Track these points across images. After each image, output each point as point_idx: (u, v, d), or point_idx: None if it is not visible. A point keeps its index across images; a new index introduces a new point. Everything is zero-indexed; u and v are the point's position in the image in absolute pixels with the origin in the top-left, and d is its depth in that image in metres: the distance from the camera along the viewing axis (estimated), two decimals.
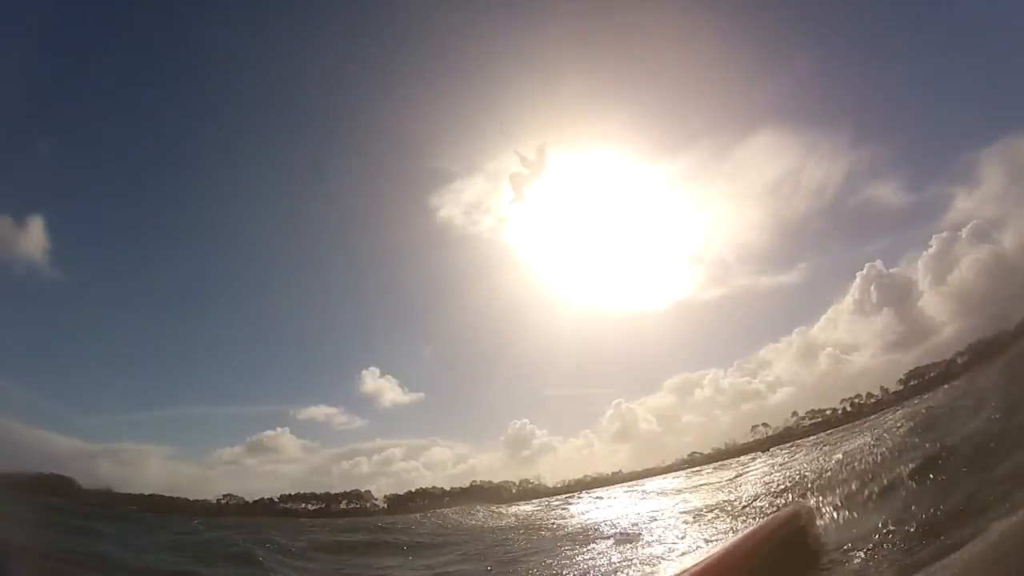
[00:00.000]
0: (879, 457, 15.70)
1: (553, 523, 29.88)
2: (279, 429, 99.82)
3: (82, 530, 22.41)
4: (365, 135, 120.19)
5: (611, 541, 17.33)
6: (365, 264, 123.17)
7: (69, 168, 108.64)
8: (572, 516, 32.24)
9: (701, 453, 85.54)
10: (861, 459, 16.34)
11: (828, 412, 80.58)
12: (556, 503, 52.63)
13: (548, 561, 15.46)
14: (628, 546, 15.73)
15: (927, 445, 14.81)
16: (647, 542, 16.03)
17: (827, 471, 18.22)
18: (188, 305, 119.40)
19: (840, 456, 20.44)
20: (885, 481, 10.41)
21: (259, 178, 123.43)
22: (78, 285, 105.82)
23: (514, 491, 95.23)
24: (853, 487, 11.09)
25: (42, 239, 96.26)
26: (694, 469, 62.72)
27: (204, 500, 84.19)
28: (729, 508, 21.10)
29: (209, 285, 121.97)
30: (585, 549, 16.77)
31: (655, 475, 73.18)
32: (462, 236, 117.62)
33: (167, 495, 79.84)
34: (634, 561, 13.69)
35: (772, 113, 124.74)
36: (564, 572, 13.62)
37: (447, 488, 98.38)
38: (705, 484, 34.63)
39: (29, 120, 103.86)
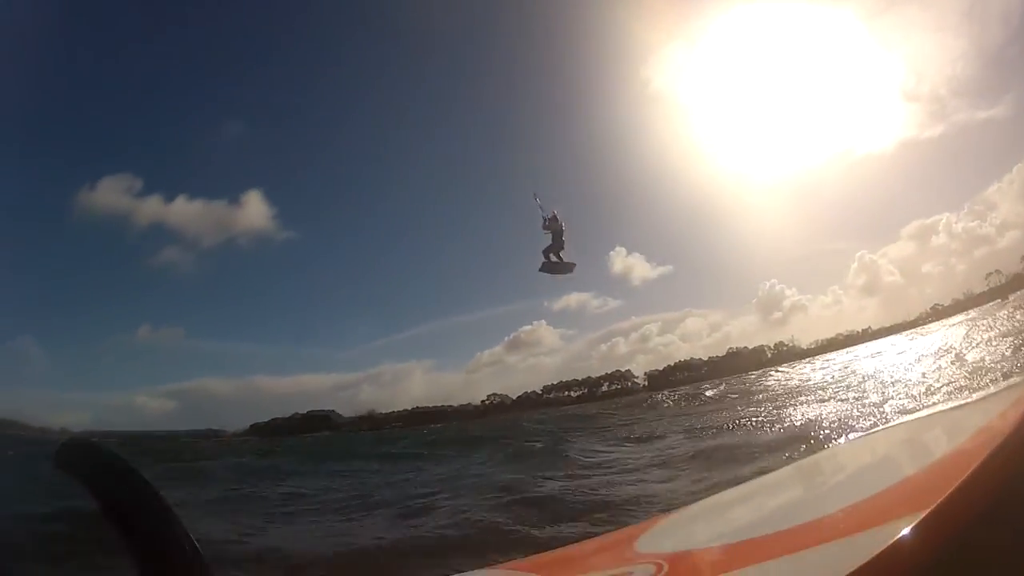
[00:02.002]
0: None
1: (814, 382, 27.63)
2: (536, 323, 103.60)
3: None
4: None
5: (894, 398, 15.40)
6: (595, 148, 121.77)
7: (267, 142, 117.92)
8: (832, 375, 29.52)
9: (942, 305, 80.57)
10: None
11: None
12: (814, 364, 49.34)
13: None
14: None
15: None
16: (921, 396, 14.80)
17: None
18: (428, 224, 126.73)
19: None
20: None
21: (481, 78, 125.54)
22: (314, 237, 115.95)
23: (770, 355, 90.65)
24: None
25: (263, 209, 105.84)
26: (939, 322, 55.48)
27: (467, 404, 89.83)
28: (991, 358, 18.43)
29: (444, 196, 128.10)
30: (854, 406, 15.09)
31: (903, 330, 66.09)
32: (675, 102, 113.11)
33: (430, 406, 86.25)
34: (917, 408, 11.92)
35: None
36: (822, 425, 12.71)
37: (705, 358, 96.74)
38: (957, 335, 30.21)
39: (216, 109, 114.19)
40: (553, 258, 13.49)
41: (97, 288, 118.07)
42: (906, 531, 1.14)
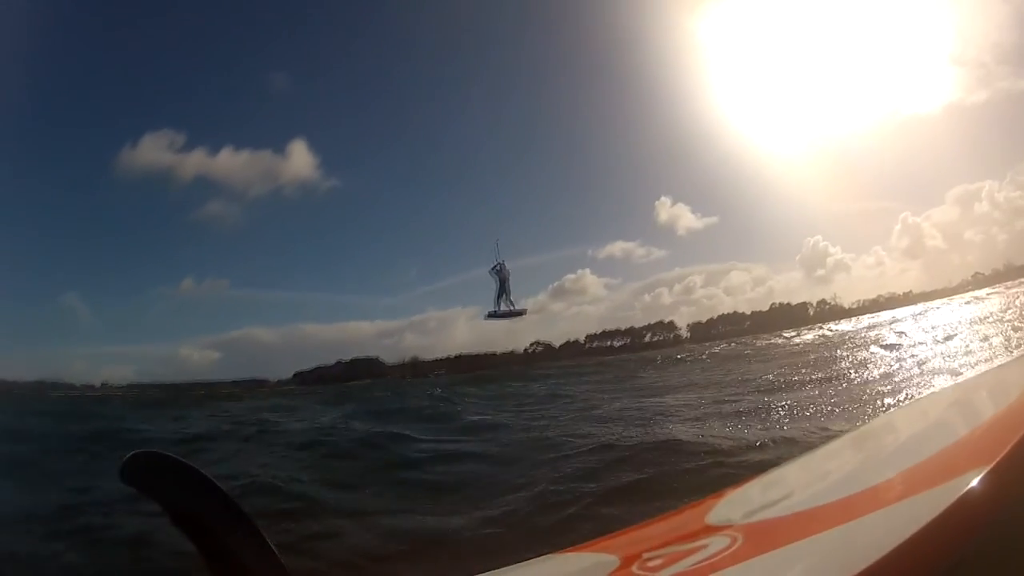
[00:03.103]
0: None
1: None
2: (580, 271, 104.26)
3: None
4: None
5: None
6: (643, 97, 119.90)
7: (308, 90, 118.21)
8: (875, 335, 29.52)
9: (983, 274, 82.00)
10: None
11: None
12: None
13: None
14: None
15: None
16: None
17: None
18: (472, 171, 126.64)
19: None
20: None
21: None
22: (358, 185, 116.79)
23: (812, 313, 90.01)
24: None
25: (308, 158, 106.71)
26: (981, 291, 54.49)
27: (512, 351, 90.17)
28: None
29: (489, 143, 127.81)
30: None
31: (944, 296, 65.14)
32: (727, 54, 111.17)
33: (473, 353, 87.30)
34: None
35: None
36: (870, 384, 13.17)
37: (748, 312, 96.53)
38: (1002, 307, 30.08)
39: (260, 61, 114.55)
40: (503, 306, 14.26)
41: (142, 243, 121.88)
42: (973, 484, 1.16)
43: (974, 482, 1.18)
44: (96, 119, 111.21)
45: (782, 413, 10.84)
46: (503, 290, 14.14)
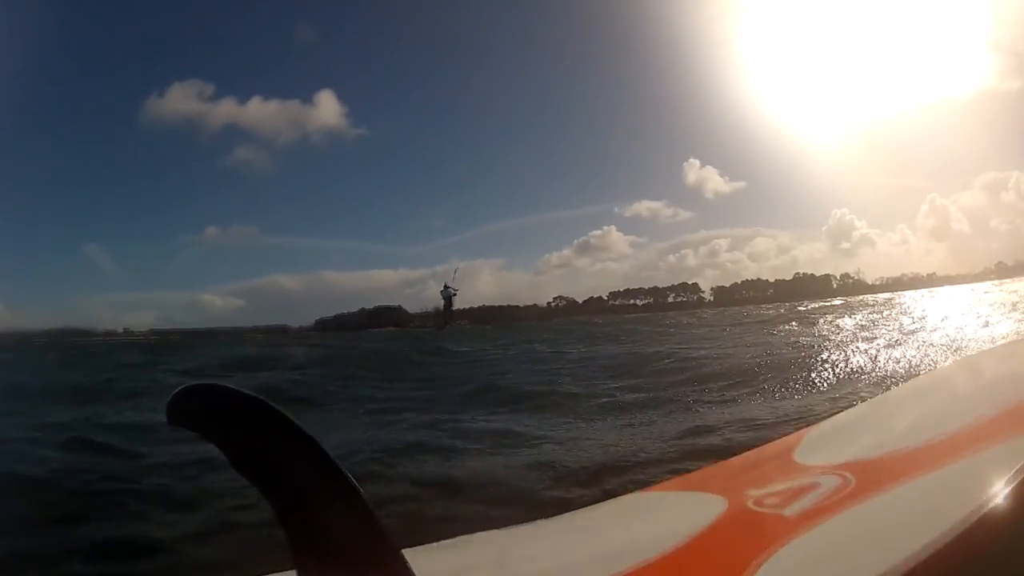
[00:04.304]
0: None
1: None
2: (606, 228, 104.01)
3: None
4: None
5: None
6: (675, 56, 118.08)
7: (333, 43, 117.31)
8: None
9: (1006, 264, 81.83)
10: None
11: None
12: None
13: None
14: None
15: None
16: None
17: None
18: (500, 123, 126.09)
19: None
20: None
21: None
22: (383, 134, 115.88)
23: (835, 285, 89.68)
24: None
25: (336, 107, 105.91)
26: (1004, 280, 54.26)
27: (534, 305, 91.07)
28: None
29: (518, 95, 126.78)
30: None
31: (967, 281, 64.80)
32: (767, 23, 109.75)
33: (496, 305, 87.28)
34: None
35: None
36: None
37: (771, 280, 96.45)
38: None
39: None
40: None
41: (168, 191, 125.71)
42: None
43: None
44: (123, 69, 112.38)
45: None
46: (448, 306, 15.84)
